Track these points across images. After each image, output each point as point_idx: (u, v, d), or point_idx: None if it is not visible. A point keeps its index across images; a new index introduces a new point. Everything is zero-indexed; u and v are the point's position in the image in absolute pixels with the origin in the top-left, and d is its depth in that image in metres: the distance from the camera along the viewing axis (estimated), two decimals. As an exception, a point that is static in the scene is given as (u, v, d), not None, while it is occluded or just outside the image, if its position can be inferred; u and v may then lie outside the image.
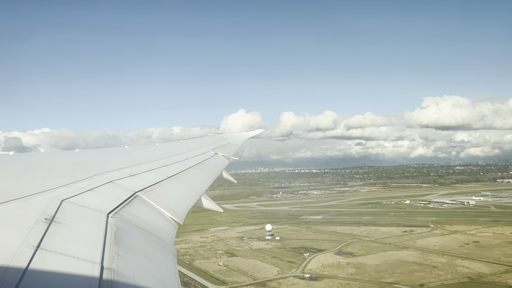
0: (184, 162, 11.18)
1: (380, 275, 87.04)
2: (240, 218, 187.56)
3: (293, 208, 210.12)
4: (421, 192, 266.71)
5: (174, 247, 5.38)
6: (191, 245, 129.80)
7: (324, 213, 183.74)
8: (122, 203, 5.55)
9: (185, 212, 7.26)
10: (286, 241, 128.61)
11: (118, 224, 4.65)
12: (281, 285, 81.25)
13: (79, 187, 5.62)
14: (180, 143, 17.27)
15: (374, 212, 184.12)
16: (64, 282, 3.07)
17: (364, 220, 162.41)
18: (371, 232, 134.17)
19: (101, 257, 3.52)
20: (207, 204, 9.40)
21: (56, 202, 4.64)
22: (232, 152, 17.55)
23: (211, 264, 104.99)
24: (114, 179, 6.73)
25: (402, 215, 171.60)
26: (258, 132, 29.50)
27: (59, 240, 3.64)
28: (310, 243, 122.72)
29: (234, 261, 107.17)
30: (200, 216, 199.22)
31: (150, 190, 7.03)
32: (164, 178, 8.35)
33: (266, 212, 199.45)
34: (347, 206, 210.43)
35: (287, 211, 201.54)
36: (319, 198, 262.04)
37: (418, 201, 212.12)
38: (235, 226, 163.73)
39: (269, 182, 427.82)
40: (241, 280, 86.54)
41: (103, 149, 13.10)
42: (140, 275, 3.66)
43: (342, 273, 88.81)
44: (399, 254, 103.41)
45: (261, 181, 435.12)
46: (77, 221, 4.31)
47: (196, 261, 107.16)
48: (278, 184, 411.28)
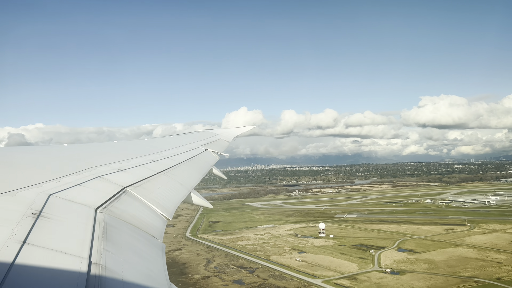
0: (174, 157, 10.87)
1: (454, 270, 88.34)
2: (276, 216, 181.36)
3: (322, 207, 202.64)
4: (434, 191, 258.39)
5: (163, 243, 5.20)
6: (252, 242, 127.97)
7: (355, 212, 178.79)
8: (110, 198, 5.39)
9: (175, 207, 6.95)
10: (341, 238, 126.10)
11: (106, 219, 4.54)
12: (370, 278, 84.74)
13: (67, 181, 5.40)
14: (170, 138, 16.78)
15: (404, 211, 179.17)
16: (51, 277, 2.98)
17: (400, 219, 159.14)
18: (415, 231, 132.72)
19: (89, 252, 3.46)
20: (197, 200, 9.15)
21: (44, 196, 4.49)
22: (223, 148, 17.29)
23: (288, 259, 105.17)
24: (103, 174, 6.45)
25: (432, 213, 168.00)
26: (248, 128, 28.93)
27: (46, 235, 3.53)
28: (365, 241, 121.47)
29: (307, 257, 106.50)
30: (236, 213, 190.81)
31: (139, 185, 6.77)
32: (153, 173, 8.03)
33: (298, 210, 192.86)
34: (372, 205, 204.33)
35: (317, 209, 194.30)
36: (338, 197, 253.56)
37: (438, 200, 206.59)
38: (279, 224, 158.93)
39: (276, 180, 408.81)
40: (329, 274, 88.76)
41: (92, 143, 12.97)
42: (128, 270, 3.58)
43: (418, 268, 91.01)
44: (457, 251, 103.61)
45: (266, 179, 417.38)
46: (65, 216, 4.20)
47: (272, 256, 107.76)
48: (285, 182, 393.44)
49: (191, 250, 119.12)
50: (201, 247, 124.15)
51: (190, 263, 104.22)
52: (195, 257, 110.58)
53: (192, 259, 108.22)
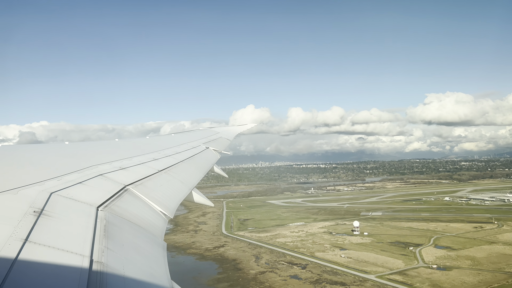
0: (175, 156, 10.85)
1: (498, 266, 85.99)
2: (302, 214, 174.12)
3: (343, 205, 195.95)
4: (448, 189, 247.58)
5: (164, 241, 5.08)
6: (291, 239, 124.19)
7: (379, 210, 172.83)
8: (112, 197, 5.30)
9: (176, 206, 6.80)
10: (376, 236, 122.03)
11: (107, 217, 4.52)
12: (420, 274, 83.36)
13: (69, 180, 5.32)
14: (171, 136, 16.44)
15: (426, 209, 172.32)
16: (53, 275, 2.95)
17: (425, 217, 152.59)
18: (445, 228, 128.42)
19: (90, 250, 3.45)
20: (198, 198, 9.03)
21: (45, 194, 4.45)
22: (224, 146, 17.12)
23: (333, 256, 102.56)
24: (104, 172, 6.43)
25: (455, 211, 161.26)
26: (250, 126, 28.82)
27: (48, 233, 3.50)
28: (400, 238, 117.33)
29: (351, 254, 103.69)
30: (262, 211, 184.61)
31: (141, 183, 6.67)
32: (154, 171, 7.92)
33: (321, 208, 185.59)
34: (392, 203, 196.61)
35: (340, 207, 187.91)
36: (354, 194, 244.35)
37: (455, 198, 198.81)
38: (309, 222, 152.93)
39: (285, 178, 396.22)
40: (379, 270, 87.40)
41: (93, 142, 12.95)
42: (130, 269, 3.56)
43: (462, 264, 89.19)
44: (495, 248, 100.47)
45: (276, 176, 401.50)
46: (67, 214, 4.17)
47: (316, 253, 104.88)
48: (296, 179, 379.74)
49: (235, 247, 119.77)
50: (243, 244, 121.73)
51: (240, 259, 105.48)
52: (241, 253, 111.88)
53: (240, 256, 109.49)
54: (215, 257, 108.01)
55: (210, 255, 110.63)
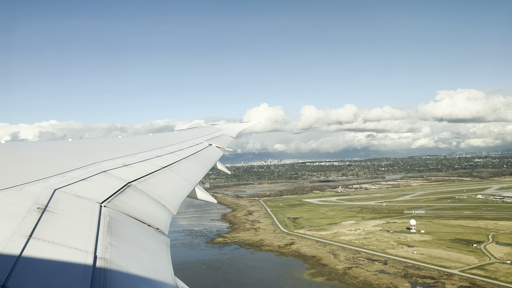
0: (178, 152, 10.45)
1: None
2: (346, 212, 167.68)
3: (381, 203, 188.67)
4: (475, 186, 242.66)
5: (167, 237, 4.88)
6: (354, 237, 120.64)
7: (419, 208, 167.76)
8: (115, 193, 5.13)
9: (179, 202, 6.57)
10: (433, 234, 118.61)
11: (111, 214, 4.43)
12: (498, 269, 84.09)
13: (72, 176, 5.16)
14: (174, 133, 16.18)
15: (466, 207, 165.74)
16: (57, 271, 2.91)
17: (469, 214, 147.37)
18: (496, 226, 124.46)
19: (94, 247, 3.41)
20: (201, 195, 8.83)
21: (49, 191, 4.36)
22: (227, 143, 16.99)
23: (405, 253, 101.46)
24: (108, 169, 6.24)
25: (496, 209, 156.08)
26: (252, 123, 28.28)
27: (52, 229, 3.46)
28: (457, 235, 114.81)
29: (421, 250, 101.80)
30: (305, 210, 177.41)
31: (144, 180, 6.48)
32: (158, 168, 7.68)
33: (362, 207, 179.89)
34: (427, 201, 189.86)
35: (379, 206, 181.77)
36: (385, 193, 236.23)
37: (488, 196, 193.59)
38: (359, 220, 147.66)
39: (304, 176, 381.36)
40: (458, 266, 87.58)
41: (96, 139, 12.86)
42: (133, 265, 3.54)
43: None
44: None
45: (293, 174, 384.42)
46: (70, 210, 4.10)
47: (388, 250, 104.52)
48: (315, 177, 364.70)
49: (305, 245, 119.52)
50: (311, 242, 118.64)
51: (320, 256, 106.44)
52: (316, 250, 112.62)
53: (317, 253, 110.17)
54: (293, 254, 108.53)
55: (287, 252, 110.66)
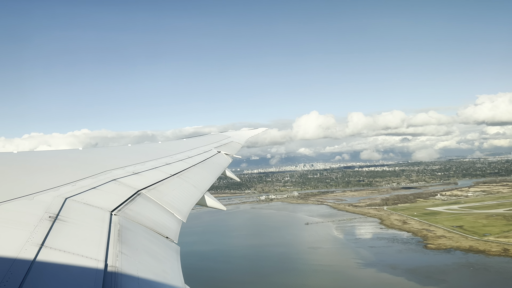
0: (187, 160, 10.69)
1: None
2: (494, 221, 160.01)
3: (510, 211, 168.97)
4: None
5: (178, 245, 4.96)
6: None
7: None
8: (125, 201, 5.23)
9: (188, 210, 6.67)
10: None
11: (121, 222, 4.52)
12: None
13: (83, 185, 5.28)
14: (183, 141, 16.58)
15: None
16: (69, 279, 2.99)
17: None
18: None
19: (105, 255, 3.49)
20: (211, 202, 8.99)
21: (60, 200, 4.47)
22: (235, 150, 17.06)
23: None
24: (118, 177, 6.36)
25: None
26: (261, 130, 29.07)
27: (63, 238, 3.54)
28: None
29: None
30: (450, 218, 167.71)
31: (154, 188, 6.60)
32: (167, 176, 7.84)
33: (500, 214, 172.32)
34: None
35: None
36: (493, 200, 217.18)
37: None
38: None
39: (374, 182, 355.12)
40: None
41: (106, 147, 13.18)
42: (144, 273, 3.59)
43: None
44: None
45: (360, 181, 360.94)
46: (81, 219, 4.21)
47: None
48: (388, 184, 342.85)
49: None
50: None
51: None
52: None
53: None
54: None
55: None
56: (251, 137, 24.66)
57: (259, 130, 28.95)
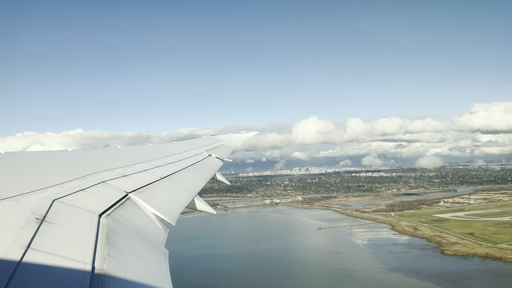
0: (177, 163, 10.62)
1: None
2: (503, 229, 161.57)
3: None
4: None
5: (166, 249, 4.97)
6: None
7: None
8: (114, 204, 5.17)
9: (178, 213, 6.63)
10: None
11: (110, 224, 4.48)
12: None
13: (71, 187, 5.19)
14: (173, 144, 16.52)
15: None
16: (55, 282, 2.95)
17: None
18: None
19: (92, 258, 3.47)
20: (200, 205, 8.98)
21: (48, 201, 4.41)
22: (226, 153, 17.07)
23: None
24: (107, 180, 6.30)
25: None
26: (252, 134, 29.06)
27: (50, 240, 3.51)
28: None
29: None
30: (460, 226, 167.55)
31: (143, 191, 6.55)
32: (157, 179, 7.79)
33: (506, 223, 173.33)
34: None
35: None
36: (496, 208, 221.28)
37: None
38: None
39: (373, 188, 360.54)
40: None
41: (95, 149, 13.01)
42: (132, 276, 3.60)
43: None
44: None
45: (360, 186, 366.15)
46: (69, 221, 4.14)
47: None
48: (388, 189, 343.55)
49: None
50: None
51: None
52: None
53: None
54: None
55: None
56: (242, 141, 24.80)
57: (251, 134, 29.07)
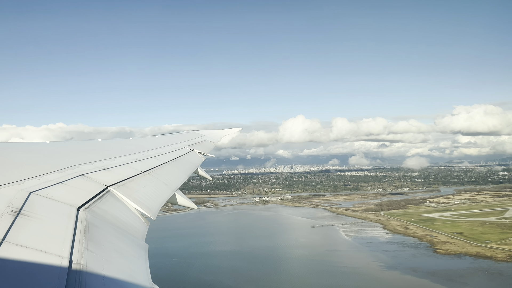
0: (159, 157, 10.46)
1: None
2: (489, 228, 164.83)
3: (501, 219, 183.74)
4: None
5: (146, 243, 4.91)
6: None
7: None
8: (93, 197, 5.06)
9: (158, 208, 6.60)
10: None
11: (88, 218, 4.37)
12: None
13: (49, 179, 5.03)
14: (155, 138, 16.37)
15: None
16: (31, 276, 2.85)
17: None
18: None
19: (69, 252, 3.37)
20: (181, 200, 8.95)
21: (24, 194, 4.27)
22: (209, 149, 16.87)
23: None
24: (86, 173, 6.15)
25: None
26: (235, 131, 29.58)
27: (26, 233, 3.41)
28: None
29: None
30: (449, 226, 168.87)
31: (123, 184, 6.42)
32: (137, 172, 7.65)
33: (492, 223, 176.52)
34: None
35: (502, 221, 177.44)
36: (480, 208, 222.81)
37: None
38: None
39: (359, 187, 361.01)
40: None
41: (75, 141, 12.83)
42: (110, 270, 3.53)
43: None
44: None
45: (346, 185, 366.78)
46: (46, 214, 4.02)
47: None
48: (374, 188, 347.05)
49: None
50: None
51: None
52: None
53: None
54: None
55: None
56: (225, 137, 24.96)
57: (233, 130, 29.08)
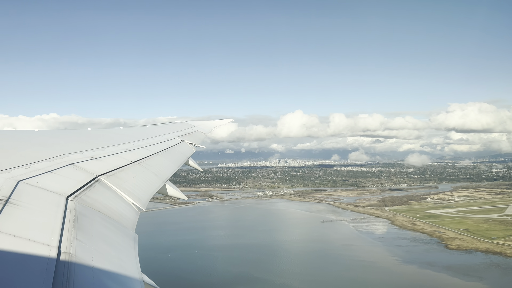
0: (149, 147, 10.42)
1: None
2: (495, 225, 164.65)
3: (502, 216, 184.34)
4: None
5: (135, 233, 4.87)
6: None
7: None
8: (82, 187, 5.06)
9: (148, 198, 6.61)
10: None
11: (77, 207, 4.33)
12: None
13: (38, 168, 5.04)
14: (146, 128, 16.20)
15: None
16: (19, 265, 2.81)
17: None
18: None
19: (58, 241, 3.33)
20: (172, 191, 8.98)
21: (12, 182, 4.21)
22: (199, 140, 16.75)
23: None
24: (75, 162, 6.08)
25: None
26: (227, 122, 29.32)
27: (14, 222, 3.37)
28: None
29: None
30: (452, 221, 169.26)
31: (113, 174, 6.38)
32: (127, 162, 7.58)
33: (495, 219, 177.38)
34: None
35: (504, 218, 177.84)
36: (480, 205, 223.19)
37: None
38: None
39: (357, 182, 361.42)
40: None
41: (65, 130, 12.72)
42: (99, 260, 3.50)
43: None
44: None
45: (345, 181, 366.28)
46: (34, 203, 3.99)
47: None
48: (373, 184, 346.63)
49: None
50: None
51: None
52: None
53: None
54: None
55: None
56: (217, 127, 24.93)
57: (225, 121, 29.02)
